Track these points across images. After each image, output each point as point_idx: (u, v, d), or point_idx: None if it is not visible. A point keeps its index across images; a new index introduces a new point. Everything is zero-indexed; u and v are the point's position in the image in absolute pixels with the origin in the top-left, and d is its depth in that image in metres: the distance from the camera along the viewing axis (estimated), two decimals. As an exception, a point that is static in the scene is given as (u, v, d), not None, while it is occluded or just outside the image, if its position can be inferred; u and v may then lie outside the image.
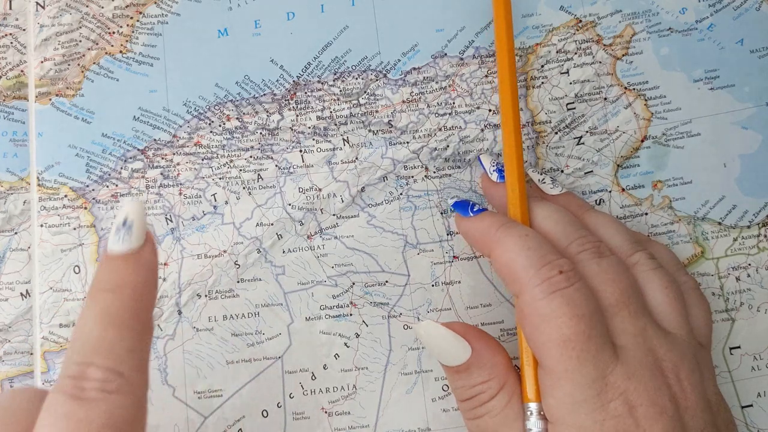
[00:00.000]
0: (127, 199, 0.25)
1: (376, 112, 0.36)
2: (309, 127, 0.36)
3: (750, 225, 0.35)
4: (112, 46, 0.36)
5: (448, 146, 0.36)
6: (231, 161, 0.35)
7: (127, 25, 0.37)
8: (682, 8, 0.37)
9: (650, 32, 0.36)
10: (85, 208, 0.35)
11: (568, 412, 0.26)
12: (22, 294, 0.34)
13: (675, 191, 0.35)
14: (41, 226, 0.35)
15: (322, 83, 0.36)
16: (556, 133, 0.36)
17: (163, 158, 0.35)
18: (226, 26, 0.37)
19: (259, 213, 0.35)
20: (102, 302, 0.23)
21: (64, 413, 0.21)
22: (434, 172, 0.35)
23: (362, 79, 0.36)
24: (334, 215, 0.35)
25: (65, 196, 0.35)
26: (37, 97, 0.36)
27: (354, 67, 0.36)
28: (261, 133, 0.36)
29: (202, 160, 0.35)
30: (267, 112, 0.36)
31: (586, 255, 0.29)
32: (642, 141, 0.36)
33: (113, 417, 0.21)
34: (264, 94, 0.36)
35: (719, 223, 0.35)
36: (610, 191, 0.35)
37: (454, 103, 0.36)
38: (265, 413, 0.33)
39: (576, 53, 0.36)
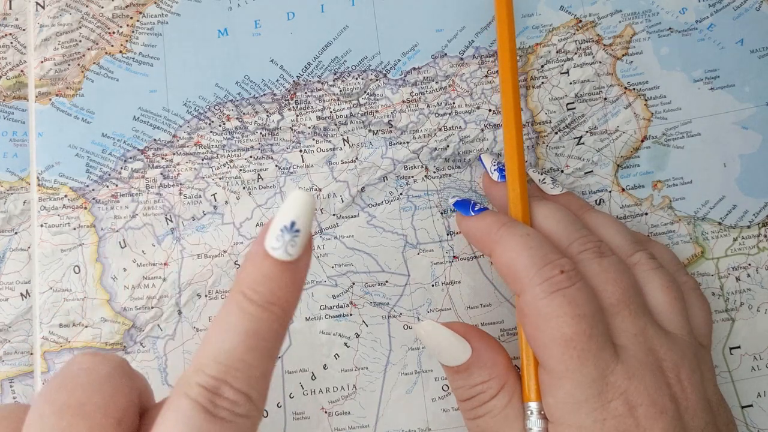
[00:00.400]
0: (298, 195, 0.22)
1: (376, 112, 0.36)
2: (309, 127, 0.36)
3: (750, 225, 0.35)
4: (112, 46, 0.36)
5: (448, 146, 0.36)
6: (231, 161, 0.35)
7: (127, 25, 0.37)
8: (682, 8, 0.37)
9: (650, 32, 0.36)
10: (85, 208, 0.35)
11: (569, 411, 0.26)
12: (22, 294, 0.34)
13: (675, 191, 0.35)
14: (41, 226, 0.35)
15: (322, 83, 0.36)
16: (556, 133, 0.36)
17: (163, 158, 0.35)
18: (226, 26, 0.37)
19: (259, 213, 0.35)
20: (250, 320, 0.21)
21: (196, 426, 0.20)
22: (434, 172, 0.35)
23: (362, 79, 0.36)
24: (334, 215, 0.35)
25: (65, 196, 0.35)
26: (37, 97, 0.36)
27: (354, 67, 0.36)
28: (261, 133, 0.36)
29: (202, 160, 0.35)
30: (267, 112, 0.36)
31: (587, 255, 0.29)
32: (642, 141, 0.36)
33: None
34: (264, 94, 0.36)
35: (719, 223, 0.35)
36: (610, 191, 0.35)
37: (454, 103, 0.36)
38: (265, 413, 0.33)
39: (576, 53, 0.36)
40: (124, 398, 0.22)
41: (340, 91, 0.36)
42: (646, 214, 0.35)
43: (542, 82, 0.36)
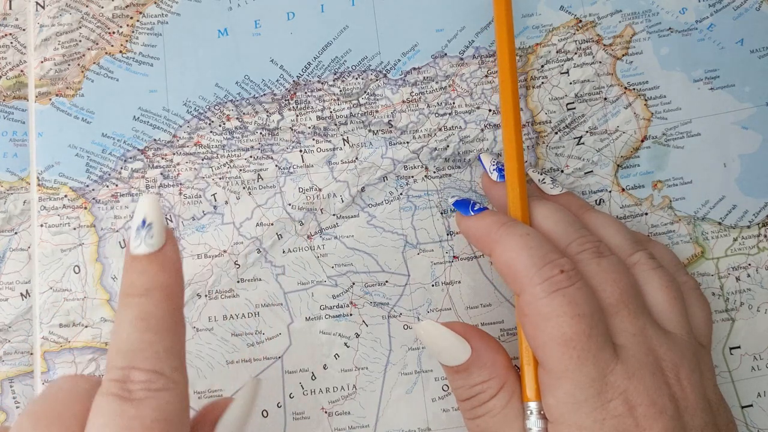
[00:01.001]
0: (142, 198, 0.25)
1: (376, 112, 0.36)
2: (309, 127, 0.36)
3: (750, 225, 0.35)
4: (112, 46, 0.37)
5: (448, 146, 0.36)
6: (231, 161, 0.35)
7: (127, 25, 0.37)
8: (682, 8, 0.37)
9: (650, 32, 0.36)
10: (85, 208, 0.35)
11: (569, 411, 0.26)
12: (22, 294, 0.34)
13: (675, 191, 0.35)
14: (41, 226, 0.35)
15: (322, 83, 0.36)
16: (556, 133, 0.36)
17: (163, 158, 0.35)
18: (226, 26, 0.37)
19: (259, 213, 0.35)
20: (135, 307, 0.23)
21: (115, 412, 0.22)
22: (434, 172, 0.35)
23: (362, 79, 0.36)
24: (334, 215, 0.35)
25: (65, 196, 0.35)
26: (37, 97, 0.36)
27: (354, 67, 0.36)
28: (261, 133, 0.36)
29: (202, 160, 0.35)
30: (267, 112, 0.36)
31: (586, 255, 0.29)
32: (642, 141, 0.36)
33: (162, 411, 0.22)
34: (264, 94, 0.36)
35: (719, 223, 0.35)
36: (610, 191, 0.35)
37: (454, 103, 0.36)
38: (265, 413, 0.33)
39: (576, 53, 0.36)
40: None
41: (340, 91, 0.36)
42: (646, 214, 0.35)
43: (542, 82, 0.36)
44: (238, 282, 0.34)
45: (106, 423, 0.22)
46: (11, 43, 0.37)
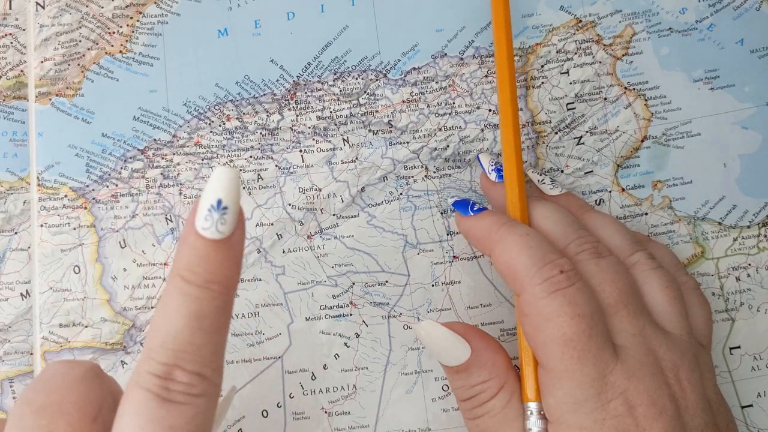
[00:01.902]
0: (221, 172, 0.22)
1: (376, 112, 0.36)
2: (309, 127, 0.36)
3: (750, 225, 0.35)
4: (112, 46, 0.37)
5: (448, 146, 0.36)
6: (231, 161, 0.35)
7: (127, 25, 0.37)
8: (682, 8, 0.37)
9: (650, 32, 0.36)
10: (85, 208, 0.35)
11: (569, 411, 0.26)
12: (22, 294, 0.34)
13: (675, 191, 0.35)
14: (41, 226, 0.35)
15: (322, 83, 0.36)
16: (556, 133, 0.36)
17: (163, 158, 0.35)
18: (226, 26, 0.37)
19: (259, 213, 0.35)
20: (192, 302, 0.22)
21: (152, 416, 0.21)
22: (434, 172, 0.35)
23: (362, 79, 0.36)
24: (334, 215, 0.35)
25: (65, 196, 0.35)
26: (37, 97, 0.36)
27: (354, 67, 0.36)
28: (261, 133, 0.36)
29: (202, 160, 0.35)
30: (267, 112, 0.36)
31: (584, 255, 0.29)
32: (642, 141, 0.36)
33: (196, 421, 0.21)
34: (264, 94, 0.36)
35: (719, 223, 0.35)
36: (610, 191, 0.35)
37: (454, 103, 0.36)
38: (265, 413, 0.33)
39: (576, 53, 0.36)
40: (97, 397, 0.22)
41: (340, 91, 0.36)
42: (646, 214, 0.35)
43: (542, 82, 0.36)
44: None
45: (141, 426, 0.21)
46: (11, 43, 0.37)
